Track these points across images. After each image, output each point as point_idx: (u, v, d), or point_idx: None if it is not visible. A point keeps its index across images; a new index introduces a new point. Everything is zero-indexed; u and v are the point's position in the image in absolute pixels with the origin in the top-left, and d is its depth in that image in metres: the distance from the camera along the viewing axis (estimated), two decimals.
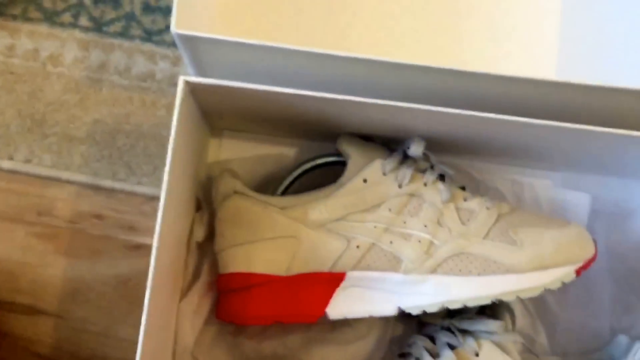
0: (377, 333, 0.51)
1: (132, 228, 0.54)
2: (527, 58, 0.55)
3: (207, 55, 0.48)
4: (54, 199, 0.55)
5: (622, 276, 0.51)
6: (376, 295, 0.46)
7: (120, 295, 0.53)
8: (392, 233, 0.46)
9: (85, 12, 0.58)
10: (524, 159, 0.52)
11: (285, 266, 0.46)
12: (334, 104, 0.44)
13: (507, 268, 0.45)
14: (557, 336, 0.51)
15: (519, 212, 0.47)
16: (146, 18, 0.58)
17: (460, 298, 0.45)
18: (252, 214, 0.47)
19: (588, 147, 0.48)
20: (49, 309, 0.53)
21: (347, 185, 0.47)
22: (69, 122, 0.56)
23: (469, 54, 0.55)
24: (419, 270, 0.45)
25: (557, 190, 0.52)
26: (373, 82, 0.48)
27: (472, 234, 0.46)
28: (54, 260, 0.54)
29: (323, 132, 0.50)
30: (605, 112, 0.48)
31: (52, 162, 0.55)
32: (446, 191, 0.47)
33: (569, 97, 0.47)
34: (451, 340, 0.47)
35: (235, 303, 0.47)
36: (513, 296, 0.45)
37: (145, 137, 0.56)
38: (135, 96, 0.56)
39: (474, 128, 0.46)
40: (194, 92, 0.45)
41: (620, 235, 0.51)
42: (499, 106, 0.45)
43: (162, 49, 0.57)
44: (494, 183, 0.52)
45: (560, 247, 0.45)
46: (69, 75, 0.57)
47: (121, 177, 0.55)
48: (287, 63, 0.47)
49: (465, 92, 0.47)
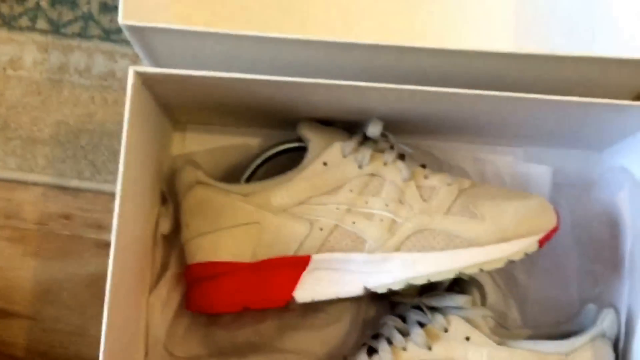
0: (349, 316, 0.51)
1: (101, 226, 0.54)
2: (482, 31, 0.55)
3: (160, 46, 0.48)
4: (20, 201, 0.55)
5: (588, 246, 0.51)
6: (342, 277, 0.46)
7: (91, 294, 0.53)
8: (354, 213, 0.46)
9: (42, 15, 0.58)
10: (485, 136, 0.53)
11: (250, 253, 0.46)
12: (291, 87, 0.44)
13: (470, 242, 0.45)
14: (528, 309, 0.51)
15: (480, 187, 0.48)
16: (104, 17, 0.58)
17: (425, 274, 0.45)
18: (215, 203, 0.47)
19: (547, 119, 0.49)
20: (21, 311, 0.53)
21: (308, 169, 0.47)
22: (32, 124, 0.56)
23: (422, 30, 0.55)
24: (383, 248, 0.46)
25: (518, 164, 0.52)
26: (330, 64, 0.48)
27: (434, 210, 0.46)
28: (23, 263, 0.54)
29: (284, 119, 0.50)
30: (563, 83, 0.48)
31: (16, 165, 0.55)
32: (406, 170, 0.47)
33: (527, 68, 0.47)
34: (421, 318, 0.47)
35: (203, 292, 0.47)
36: (476, 269, 0.45)
37: (109, 135, 0.56)
38: (96, 95, 0.56)
39: (431, 105, 0.47)
40: (148, 85, 0.45)
41: (584, 206, 0.51)
42: (457, 82, 0.45)
43: (122, 47, 0.57)
44: (457, 161, 0.52)
45: (522, 219, 0.45)
46: (30, 78, 0.57)
47: (87, 176, 0.55)
48: (242, 50, 0.47)
49: (421, 69, 0.47)
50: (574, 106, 0.45)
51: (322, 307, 0.51)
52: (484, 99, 0.44)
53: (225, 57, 0.48)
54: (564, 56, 0.45)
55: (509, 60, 0.46)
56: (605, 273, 0.50)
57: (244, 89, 0.45)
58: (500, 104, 0.45)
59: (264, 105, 0.49)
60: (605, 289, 0.49)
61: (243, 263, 0.46)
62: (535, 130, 0.51)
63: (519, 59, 0.46)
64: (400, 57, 0.47)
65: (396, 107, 0.47)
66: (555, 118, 0.48)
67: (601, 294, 0.49)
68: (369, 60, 0.47)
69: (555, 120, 0.48)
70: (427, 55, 0.46)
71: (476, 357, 0.45)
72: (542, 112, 0.47)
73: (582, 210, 0.51)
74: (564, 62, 0.46)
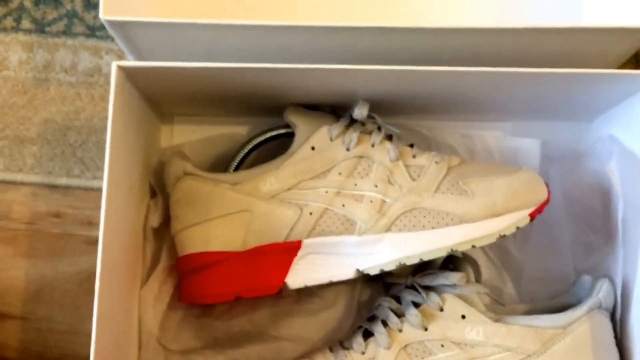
0: (344, 300, 0.51)
1: (91, 223, 0.54)
2: (464, 8, 0.54)
3: (143, 40, 0.48)
4: (10, 202, 0.55)
5: (581, 217, 0.50)
6: (334, 260, 0.46)
7: (84, 291, 0.53)
8: (343, 196, 0.46)
9: (26, 15, 0.58)
10: (472, 112, 0.52)
11: (241, 241, 0.46)
12: (276, 73, 0.44)
13: (460, 218, 0.45)
14: (524, 284, 0.51)
15: (469, 164, 0.47)
16: (88, 15, 0.58)
17: (416, 253, 0.45)
18: (204, 193, 0.47)
19: (534, 92, 0.48)
20: (14, 312, 0.53)
21: (296, 154, 0.47)
22: (19, 123, 0.56)
23: (405, 10, 0.55)
24: (374, 230, 0.45)
25: (507, 139, 0.52)
26: (313, 49, 0.48)
27: (423, 188, 0.46)
28: (14, 263, 0.53)
29: (270, 106, 0.50)
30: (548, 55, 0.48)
31: (4, 166, 0.55)
32: (394, 150, 0.46)
33: (510, 42, 0.47)
34: (415, 298, 0.46)
35: (195, 283, 0.47)
36: (468, 245, 0.44)
37: (97, 131, 0.55)
38: (83, 92, 0.56)
39: (417, 84, 0.46)
40: (132, 79, 0.45)
41: (575, 177, 0.51)
42: (442, 59, 0.45)
43: (107, 43, 0.57)
44: (445, 139, 0.52)
45: (512, 193, 0.45)
46: (15, 77, 0.56)
47: (76, 174, 0.55)
48: (224, 39, 0.47)
49: (406, 49, 0.47)
50: (560, 78, 0.44)
51: (316, 292, 0.51)
52: (469, 76, 0.44)
53: (208, 46, 0.48)
54: (546, 28, 0.45)
55: (493, 36, 0.46)
56: (599, 243, 0.49)
57: (229, 78, 0.45)
58: (486, 80, 0.45)
59: (249, 93, 0.48)
60: (599, 259, 0.49)
61: (234, 252, 0.46)
62: (523, 104, 0.50)
63: (502, 33, 0.46)
64: (383, 38, 0.46)
65: (382, 88, 0.47)
66: (541, 91, 0.48)
67: (596, 264, 0.49)
68: (352, 43, 0.47)
69: (542, 93, 0.48)
70: (411, 35, 0.46)
71: (472, 335, 0.45)
72: (528, 86, 0.46)
73: (573, 181, 0.51)
74: (547, 34, 0.46)
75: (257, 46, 0.47)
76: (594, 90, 0.47)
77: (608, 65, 0.50)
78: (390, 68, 0.43)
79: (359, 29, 0.45)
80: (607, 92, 0.47)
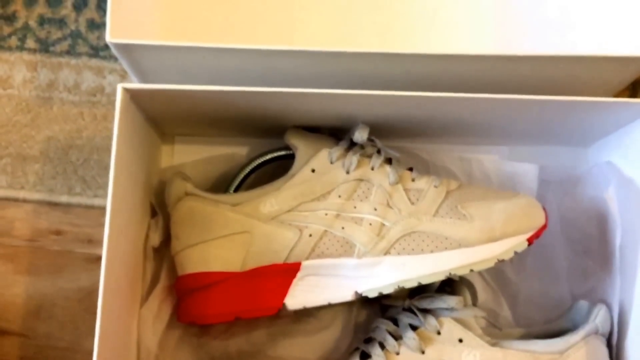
0: (341, 321, 0.51)
1: (91, 241, 0.54)
2: (463, 35, 0.55)
3: (147, 62, 0.48)
4: (12, 219, 0.55)
5: (577, 242, 0.51)
6: (333, 282, 0.46)
7: (84, 309, 0.53)
8: (343, 219, 0.46)
9: (31, 35, 0.58)
10: (470, 136, 0.53)
11: (241, 262, 0.46)
12: (278, 97, 0.44)
13: (459, 242, 0.45)
14: (520, 307, 0.51)
15: (467, 188, 0.48)
16: (92, 35, 0.59)
17: (415, 276, 0.45)
18: (205, 213, 0.47)
19: (532, 118, 0.49)
20: (13, 329, 0.53)
21: (297, 176, 0.47)
22: (22, 141, 0.56)
23: (405, 36, 0.55)
24: (373, 252, 0.46)
25: (505, 163, 0.52)
26: (315, 73, 0.48)
27: (422, 212, 0.46)
28: (15, 280, 0.54)
29: (271, 128, 0.51)
30: (547, 82, 0.49)
31: (7, 183, 0.55)
32: (393, 173, 0.47)
33: (510, 69, 0.47)
34: (413, 321, 0.47)
35: (195, 303, 0.47)
36: (467, 270, 0.45)
37: (99, 150, 0.56)
38: (85, 111, 0.57)
39: (416, 109, 0.47)
40: (136, 100, 0.45)
41: (571, 201, 0.51)
42: (441, 85, 0.46)
43: (110, 63, 0.58)
44: (443, 162, 0.53)
45: (510, 218, 0.46)
46: (19, 96, 0.57)
47: (77, 192, 0.55)
48: (228, 62, 0.48)
49: (406, 74, 0.48)
50: (558, 105, 0.45)
51: (313, 313, 0.51)
52: (468, 102, 0.44)
53: (212, 68, 0.49)
54: (545, 56, 0.46)
55: (492, 62, 0.47)
56: (595, 268, 0.50)
57: (231, 100, 0.46)
58: (485, 106, 0.46)
59: (251, 115, 0.49)
60: (596, 284, 0.49)
61: (234, 272, 0.46)
62: (520, 129, 0.51)
63: (501, 60, 0.46)
64: (383, 63, 0.47)
65: (381, 112, 0.47)
66: (539, 117, 0.48)
67: (592, 289, 0.49)
68: (353, 67, 0.48)
69: (540, 119, 0.49)
70: (411, 61, 0.47)
71: (469, 359, 0.45)
72: (526, 112, 0.47)
73: (570, 206, 0.51)
74: (545, 62, 0.46)
75: (259, 69, 0.48)
76: (590, 117, 0.48)
77: (606, 92, 0.51)
78: (390, 93, 0.43)
79: (360, 54, 0.46)
80: (603, 120, 0.48)
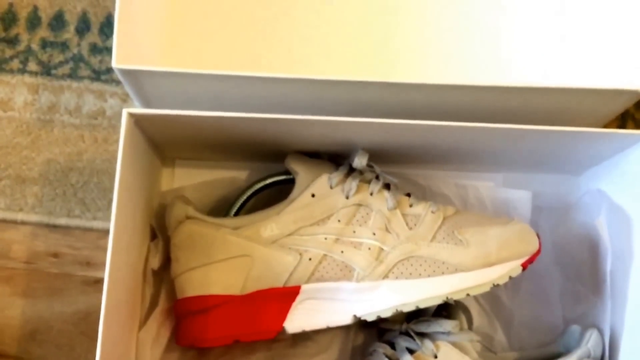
0: (338, 344, 0.52)
1: (89, 263, 0.55)
2: (460, 65, 0.57)
3: (151, 87, 0.49)
4: (9, 241, 0.55)
5: (569, 267, 0.52)
6: (332, 306, 0.47)
7: (80, 332, 0.53)
8: (342, 243, 0.47)
9: (33, 57, 0.59)
10: (466, 163, 0.54)
11: (241, 285, 0.47)
12: (279, 123, 0.45)
13: (456, 267, 0.46)
14: (514, 332, 0.52)
15: (464, 214, 0.49)
16: (94, 58, 0.60)
17: (413, 300, 0.46)
18: (205, 237, 0.48)
19: (526, 147, 0.50)
20: (9, 351, 0.53)
21: (297, 201, 0.48)
22: (22, 163, 0.57)
23: (403, 66, 0.57)
24: (371, 277, 0.47)
25: (499, 190, 0.54)
26: (316, 100, 0.50)
27: (420, 237, 0.47)
28: (11, 302, 0.53)
29: (272, 153, 0.52)
30: (541, 112, 0.50)
31: (5, 205, 0.56)
32: (392, 199, 0.48)
33: (505, 100, 0.49)
34: (410, 345, 0.47)
35: (194, 326, 0.47)
36: (463, 294, 0.46)
37: (98, 172, 0.56)
38: (86, 134, 0.57)
39: (414, 136, 0.48)
40: (139, 124, 0.46)
41: (564, 228, 0.53)
42: (438, 114, 0.47)
43: (111, 86, 0.59)
44: (439, 188, 0.54)
45: (505, 243, 0.47)
46: (20, 118, 0.58)
47: (76, 214, 0.56)
48: (231, 89, 0.49)
49: (404, 102, 0.49)
50: (550, 135, 0.47)
51: (311, 336, 0.51)
52: (465, 130, 0.46)
53: (215, 94, 0.50)
54: (539, 88, 0.47)
55: (488, 93, 0.48)
56: (587, 293, 0.51)
57: (233, 126, 0.47)
58: (480, 134, 0.47)
59: (252, 140, 0.50)
60: (588, 309, 0.50)
61: (233, 296, 0.47)
62: (515, 157, 0.52)
63: (497, 91, 0.48)
64: (382, 91, 0.49)
65: (380, 139, 0.49)
66: (532, 146, 0.50)
67: (584, 313, 0.51)
68: (353, 95, 0.49)
69: (533, 147, 0.50)
70: (410, 90, 0.48)
71: None
72: (520, 141, 0.48)
73: (563, 232, 0.52)
74: (539, 93, 0.48)
75: (261, 95, 0.49)
76: (581, 147, 0.49)
77: (596, 122, 0.53)
78: (389, 121, 0.45)
79: (360, 83, 0.47)
80: (594, 149, 0.50)
